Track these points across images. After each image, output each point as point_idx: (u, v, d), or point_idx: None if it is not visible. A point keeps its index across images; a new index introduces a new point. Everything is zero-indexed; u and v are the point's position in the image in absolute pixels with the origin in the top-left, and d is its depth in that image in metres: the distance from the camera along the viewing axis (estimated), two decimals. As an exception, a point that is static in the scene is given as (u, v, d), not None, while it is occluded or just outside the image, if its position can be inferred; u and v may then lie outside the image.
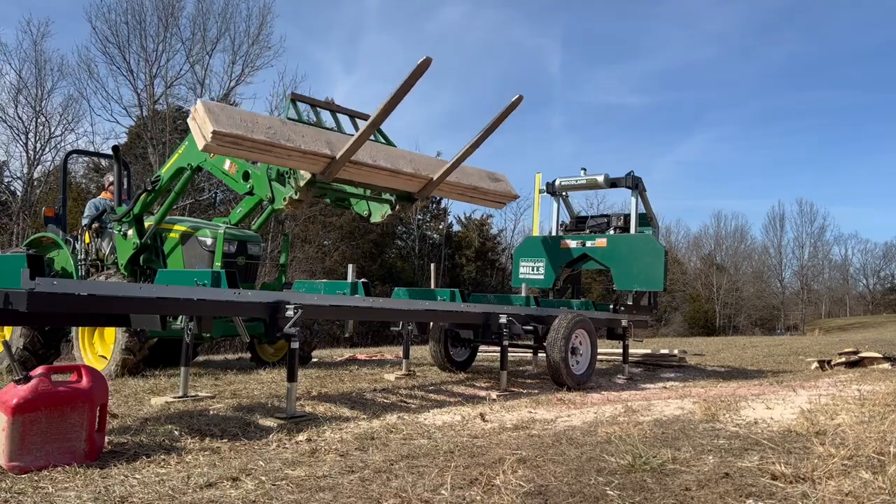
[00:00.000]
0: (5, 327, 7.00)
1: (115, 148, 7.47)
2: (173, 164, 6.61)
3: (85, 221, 7.69)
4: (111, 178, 8.07)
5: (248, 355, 8.55)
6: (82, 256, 7.44)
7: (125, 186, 8.18)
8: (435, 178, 5.87)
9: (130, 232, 6.98)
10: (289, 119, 5.49)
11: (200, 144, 4.71)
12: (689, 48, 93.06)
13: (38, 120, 26.32)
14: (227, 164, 6.18)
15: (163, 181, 6.64)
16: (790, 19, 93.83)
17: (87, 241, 7.53)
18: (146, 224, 6.96)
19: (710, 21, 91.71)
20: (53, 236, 7.66)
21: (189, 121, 4.87)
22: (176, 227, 7.12)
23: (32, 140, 26.24)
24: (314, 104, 6.13)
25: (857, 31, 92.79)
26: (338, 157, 5.13)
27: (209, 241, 6.86)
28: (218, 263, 6.56)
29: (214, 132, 4.54)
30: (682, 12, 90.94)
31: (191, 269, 6.64)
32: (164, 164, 6.88)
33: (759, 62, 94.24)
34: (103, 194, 8.23)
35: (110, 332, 6.47)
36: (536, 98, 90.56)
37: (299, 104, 5.86)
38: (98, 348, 6.69)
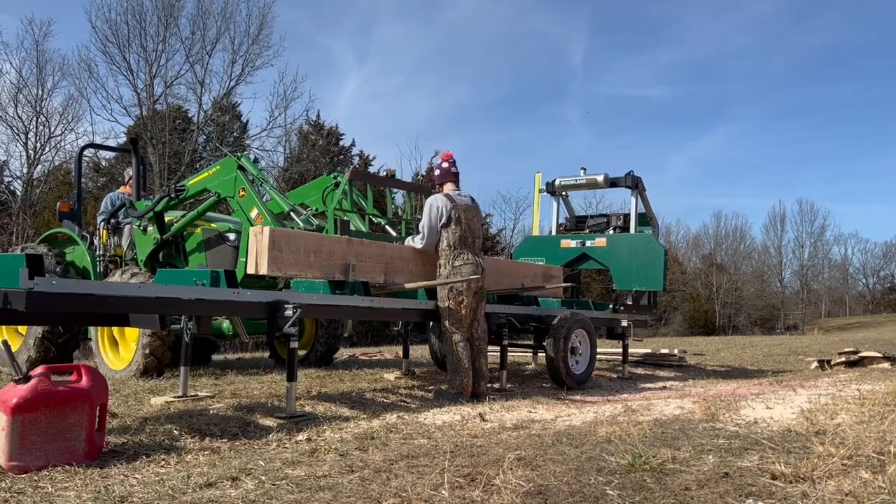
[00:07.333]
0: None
1: (133, 140, 7.31)
2: (202, 182, 6.49)
3: (102, 216, 7.46)
4: (131, 173, 7.83)
5: (249, 355, 8.51)
6: (101, 252, 7.23)
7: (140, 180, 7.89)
8: None
9: (151, 227, 6.81)
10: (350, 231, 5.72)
11: (251, 266, 4.62)
12: (721, 37, 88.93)
13: (38, 119, 26.33)
14: (253, 213, 6.03)
15: (188, 193, 6.53)
16: (825, 6, 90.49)
17: (105, 236, 7.29)
18: (167, 219, 6.78)
19: (745, 6, 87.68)
20: (69, 232, 7.46)
21: (251, 232, 4.73)
22: (199, 223, 6.86)
23: (32, 139, 26.26)
24: (372, 181, 6.40)
25: (860, 26, 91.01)
26: (392, 282, 5.42)
27: (232, 236, 6.66)
28: (243, 259, 6.22)
29: (267, 274, 4.63)
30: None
31: (214, 266, 6.35)
32: (194, 176, 6.78)
33: (788, 53, 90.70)
34: (122, 189, 7.99)
35: (132, 332, 6.15)
36: (554, 90, 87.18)
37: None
38: (120, 348, 6.38)
